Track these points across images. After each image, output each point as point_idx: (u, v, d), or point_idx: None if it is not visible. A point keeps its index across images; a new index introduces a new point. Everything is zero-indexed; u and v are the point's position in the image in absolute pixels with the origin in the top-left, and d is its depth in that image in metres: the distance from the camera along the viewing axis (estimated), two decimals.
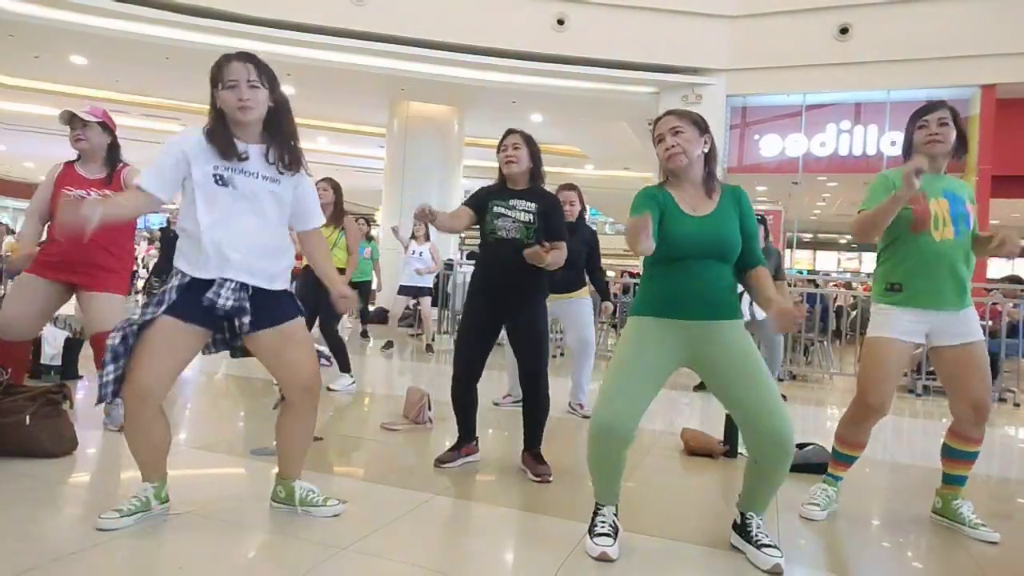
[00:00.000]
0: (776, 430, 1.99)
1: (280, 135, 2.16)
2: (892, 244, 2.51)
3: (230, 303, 2.07)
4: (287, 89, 10.64)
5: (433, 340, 7.82)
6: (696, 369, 2.20)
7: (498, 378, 4.69)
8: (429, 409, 3.79)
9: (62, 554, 1.87)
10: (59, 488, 2.44)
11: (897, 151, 9.46)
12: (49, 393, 2.84)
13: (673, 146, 2.16)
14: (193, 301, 2.06)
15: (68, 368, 4.45)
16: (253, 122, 2.12)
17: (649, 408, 2.17)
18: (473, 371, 2.96)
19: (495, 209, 2.89)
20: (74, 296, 3.17)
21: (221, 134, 2.09)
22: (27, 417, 2.65)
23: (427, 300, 7.71)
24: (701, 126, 2.21)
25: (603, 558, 2.04)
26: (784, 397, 5.41)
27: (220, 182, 2.07)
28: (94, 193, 3.04)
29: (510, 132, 2.98)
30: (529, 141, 2.95)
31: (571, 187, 4.44)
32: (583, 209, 4.47)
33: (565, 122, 12.76)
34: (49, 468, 2.58)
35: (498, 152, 2.97)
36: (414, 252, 7.51)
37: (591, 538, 2.11)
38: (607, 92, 10.09)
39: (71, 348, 4.49)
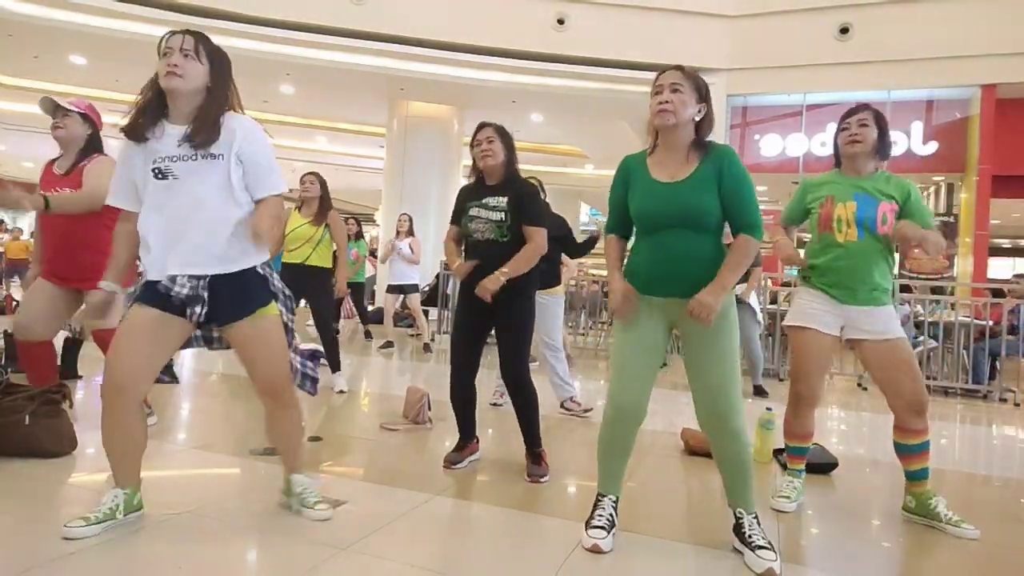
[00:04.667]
0: (716, 410, 2.10)
1: (201, 111, 2.04)
2: (814, 236, 2.67)
3: (185, 291, 2.00)
4: (286, 89, 10.71)
5: (432, 339, 7.80)
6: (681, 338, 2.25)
7: (482, 377, 4.68)
8: (428, 409, 3.78)
9: (62, 554, 1.87)
10: (59, 488, 2.44)
11: (898, 151, 9.52)
12: (49, 393, 2.84)
13: (667, 102, 2.08)
14: (157, 290, 2.01)
15: (68, 368, 4.44)
16: (181, 93, 2.02)
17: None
18: (466, 369, 2.96)
19: (470, 211, 2.90)
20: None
21: (148, 112, 2.03)
22: (27, 417, 2.65)
23: (414, 297, 7.65)
24: (701, 92, 2.14)
25: (595, 550, 2.07)
26: (765, 392, 5.46)
27: (159, 175, 2.02)
28: (56, 189, 3.02)
29: (483, 126, 2.95)
30: (502, 133, 2.93)
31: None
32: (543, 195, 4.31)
33: (565, 122, 12.76)
34: (49, 468, 2.58)
35: (472, 147, 2.95)
36: (396, 248, 7.55)
37: (586, 529, 2.15)
38: (607, 92, 10.08)
39: (71, 348, 4.49)
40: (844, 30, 9.32)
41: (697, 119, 2.13)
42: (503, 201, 2.85)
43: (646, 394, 2.18)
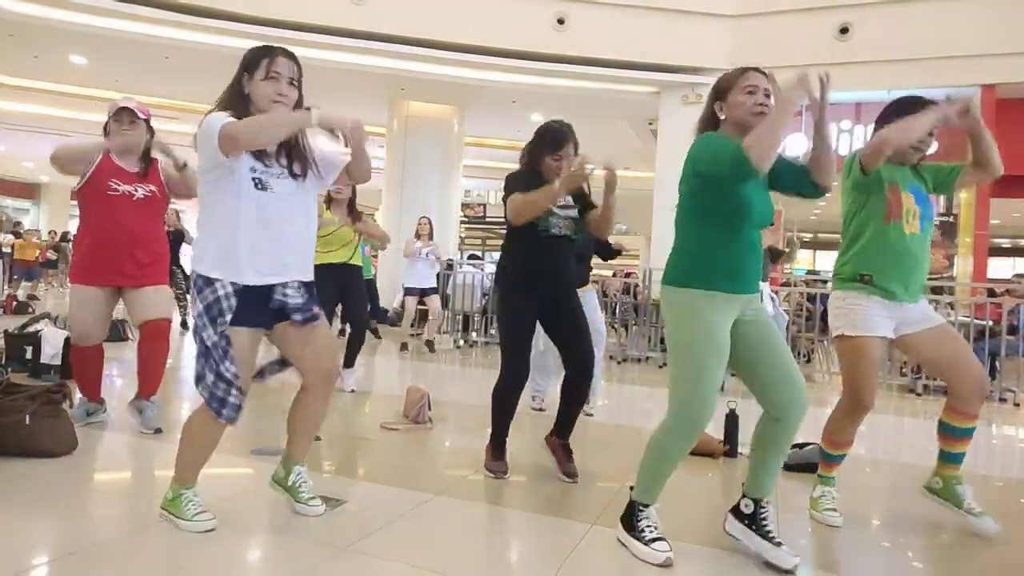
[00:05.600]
0: (796, 391, 2.06)
1: (300, 146, 2.15)
2: (860, 235, 2.50)
3: (299, 300, 2.11)
4: None
5: (432, 339, 7.81)
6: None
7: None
8: (429, 409, 3.79)
9: (62, 554, 1.87)
10: (59, 488, 2.44)
11: None
12: (49, 393, 2.84)
13: (764, 105, 2.08)
14: (252, 305, 2.05)
15: (68, 368, 4.44)
16: None
17: (649, 408, 2.17)
18: (527, 365, 2.92)
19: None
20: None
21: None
22: (27, 417, 2.65)
23: (435, 299, 7.64)
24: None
25: (667, 564, 2.02)
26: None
27: (260, 186, 2.04)
28: (139, 188, 3.21)
29: (568, 139, 2.87)
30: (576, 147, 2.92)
31: None
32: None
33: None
34: (49, 468, 2.58)
35: (553, 157, 2.85)
36: (420, 252, 7.48)
37: (646, 544, 2.07)
38: (607, 92, 10.08)
39: (71, 348, 4.49)
40: (844, 30, 9.31)
41: None
42: (574, 210, 2.91)
43: (715, 406, 2.11)
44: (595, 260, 4.56)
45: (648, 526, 2.12)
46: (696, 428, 2.07)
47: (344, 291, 4.55)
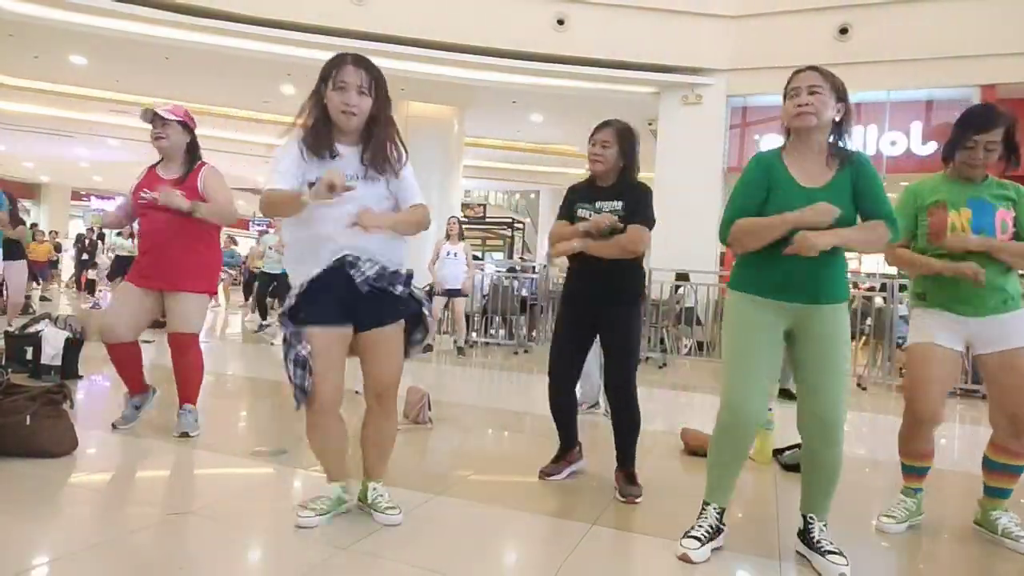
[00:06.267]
0: (821, 412, 2.04)
1: (375, 139, 2.16)
2: (922, 252, 2.48)
3: (373, 271, 2.11)
4: (287, 89, 10.70)
5: (463, 344, 7.67)
6: (787, 339, 2.16)
7: (482, 377, 4.68)
8: (429, 409, 3.79)
9: (62, 554, 1.87)
10: (59, 488, 2.44)
11: (897, 151, 9.51)
12: (49, 393, 2.85)
13: (807, 104, 2.03)
14: (327, 301, 2.11)
15: (68, 368, 4.45)
16: (354, 128, 2.14)
17: (650, 408, 2.17)
18: (568, 379, 2.87)
19: (579, 213, 2.77)
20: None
21: (322, 133, 2.11)
22: (27, 417, 2.65)
23: (460, 301, 7.51)
24: (840, 92, 2.09)
25: (683, 559, 2.06)
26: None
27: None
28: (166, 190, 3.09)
29: (603, 126, 2.81)
30: (623, 136, 2.77)
31: None
32: None
33: (565, 122, 12.74)
34: (49, 468, 2.58)
35: (589, 144, 2.81)
36: (448, 253, 7.35)
37: (682, 537, 2.12)
38: (607, 92, 10.08)
39: (71, 348, 4.50)
40: (844, 30, 9.31)
41: (837, 119, 2.09)
42: (619, 205, 2.70)
43: (766, 400, 2.13)
44: None
45: (699, 523, 2.16)
46: (736, 419, 2.10)
47: None
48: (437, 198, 11.29)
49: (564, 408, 2.90)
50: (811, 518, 2.15)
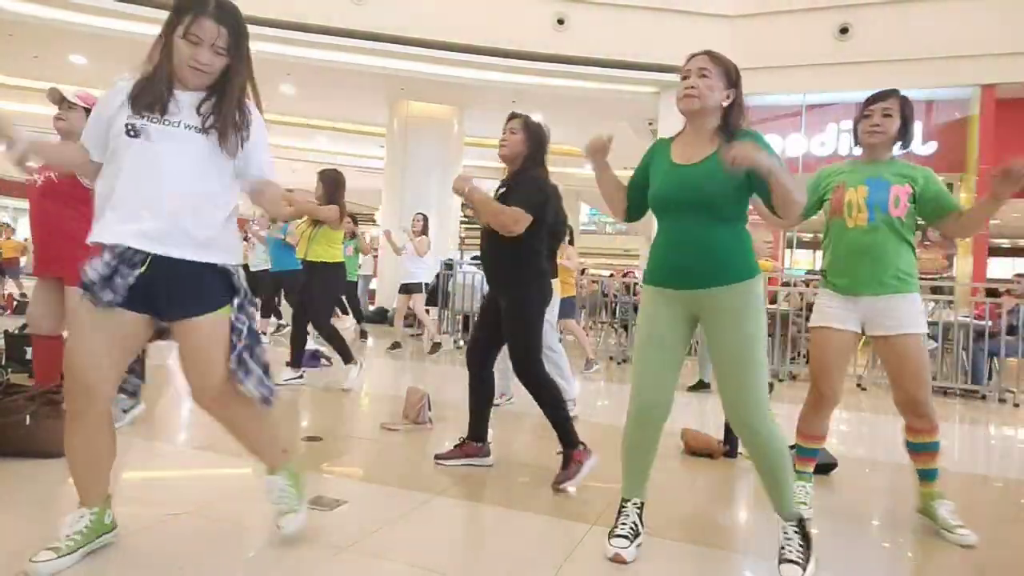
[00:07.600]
0: (738, 407, 1.99)
1: (222, 93, 1.87)
2: (826, 233, 2.60)
3: (131, 279, 1.75)
4: (287, 89, 10.70)
5: (435, 343, 7.71)
6: (704, 327, 2.12)
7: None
8: (429, 409, 3.79)
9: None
10: (59, 488, 2.44)
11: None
12: (49, 393, 2.84)
13: (692, 88, 2.02)
14: (105, 278, 1.75)
15: None
16: (199, 85, 1.87)
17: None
18: (477, 360, 3.06)
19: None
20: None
21: (158, 82, 1.82)
22: (27, 417, 2.65)
23: (418, 297, 7.63)
24: (731, 77, 2.06)
25: (617, 560, 2.04)
26: (771, 386, 5.44)
27: (132, 133, 1.79)
28: (40, 175, 3.10)
29: (511, 116, 3.01)
30: (528, 126, 2.94)
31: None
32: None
33: (565, 122, 12.74)
34: (49, 468, 2.58)
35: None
36: (405, 248, 7.58)
37: (608, 539, 2.10)
38: (607, 92, 10.09)
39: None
40: (844, 30, 9.31)
41: (725, 104, 2.05)
42: (501, 192, 2.90)
43: (667, 393, 2.10)
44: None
45: (622, 522, 2.14)
46: (639, 412, 2.13)
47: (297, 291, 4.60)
48: (437, 198, 11.30)
49: (472, 393, 3.06)
50: (779, 519, 2.06)
